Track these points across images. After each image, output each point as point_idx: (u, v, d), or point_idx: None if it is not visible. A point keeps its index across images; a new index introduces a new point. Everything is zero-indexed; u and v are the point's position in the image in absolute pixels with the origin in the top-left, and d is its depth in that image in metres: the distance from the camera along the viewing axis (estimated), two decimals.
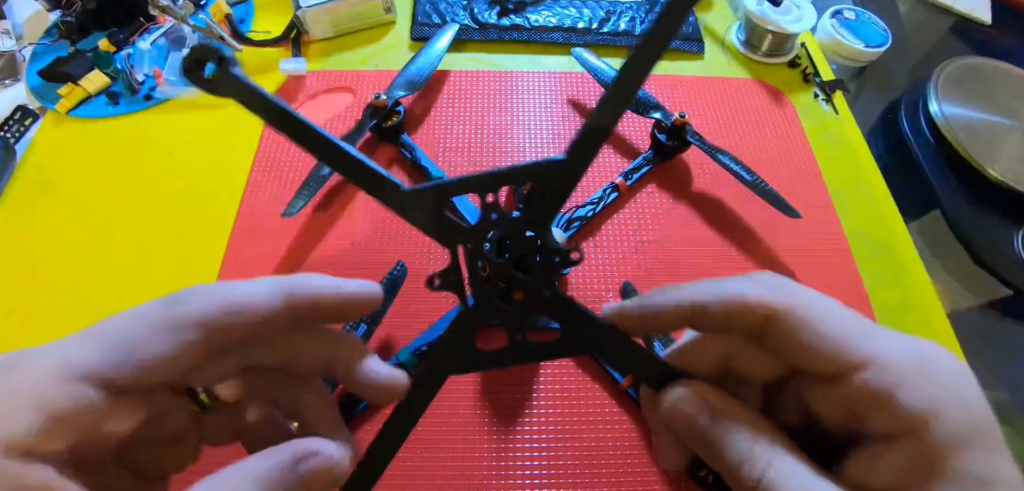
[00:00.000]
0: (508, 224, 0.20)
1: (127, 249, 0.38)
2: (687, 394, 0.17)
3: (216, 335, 0.16)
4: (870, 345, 0.15)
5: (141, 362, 0.15)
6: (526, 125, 0.45)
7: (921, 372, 0.15)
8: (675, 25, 0.19)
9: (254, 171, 0.41)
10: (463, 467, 0.30)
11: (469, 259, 0.20)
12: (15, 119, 0.44)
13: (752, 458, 0.16)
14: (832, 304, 0.17)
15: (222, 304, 0.17)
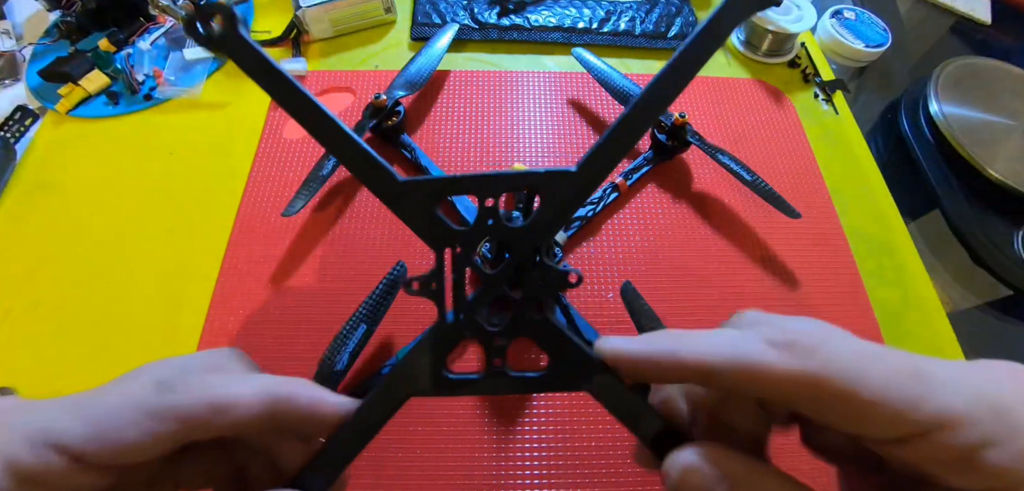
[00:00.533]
0: (506, 233, 0.18)
1: (127, 249, 0.38)
2: (699, 462, 0.15)
3: (194, 429, 0.17)
4: (937, 400, 0.13)
5: (114, 444, 0.16)
6: (526, 125, 0.45)
7: (1006, 424, 0.13)
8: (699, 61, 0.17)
9: (254, 171, 0.41)
10: (463, 467, 0.30)
11: (456, 266, 0.18)
12: (15, 119, 0.44)
13: None
14: (870, 355, 0.14)
15: (208, 403, 0.17)
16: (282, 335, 0.34)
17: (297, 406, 0.18)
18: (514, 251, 0.18)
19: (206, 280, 0.36)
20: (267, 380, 0.18)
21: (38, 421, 0.16)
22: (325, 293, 0.36)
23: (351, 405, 0.18)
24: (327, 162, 0.38)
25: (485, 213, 0.18)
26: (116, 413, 0.16)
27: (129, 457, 0.16)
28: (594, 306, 0.36)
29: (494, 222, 0.18)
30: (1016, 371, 0.14)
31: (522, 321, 0.18)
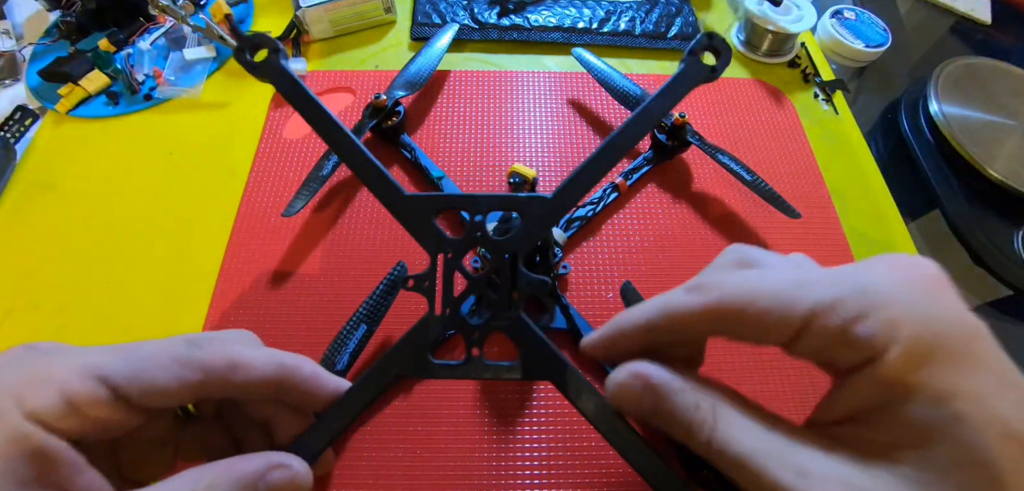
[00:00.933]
0: (490, 244, 0.21)
1: (127, 249, 0.38)
2: (626, 378, 0.17)
3: (213, 382, 0.19)
4: (811, 296, 0.15)
5: (148, 384, 0.18)
6: (526, 125, 0.45)
7: (871, 299, 0.15)
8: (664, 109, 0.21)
9: (254, 171, 0.41)
10: (463, 467, 0.30)
11: (446, 270, 0.22)
12: (15, 119, 0.44)
13: (698, 423, 0.16)
14: (763, 279, 0.17)
15: (228, 360, 0.19)
16: (282, 335, 0.34)
17: (301, 376, 0.21)
18: (495, 259, 0.21)
19: (206, 280, 0.36)
20: (277, 352, 0.21)
21: (90, 357, 0.18)
22: (325, 293, 0.36)
23: (345, 384, 0.21)
24: (327, 162, 0.38)
25: (473, 226, 0.22)
26: (153, 359, 0.18)
27: (158, 399, 0.18)
28: (594, 306, 0.36)
29: (481, 235, 0.21)
30: (895, 259, 0.16)
31: (498, 318, 0.21)
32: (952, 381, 0.13)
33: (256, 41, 0.21)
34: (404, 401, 0.32)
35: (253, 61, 0.22)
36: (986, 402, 0.13)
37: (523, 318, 0.21)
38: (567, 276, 0.37)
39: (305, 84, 0.22)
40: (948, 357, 0.14)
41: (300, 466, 0.19)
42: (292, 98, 0.22)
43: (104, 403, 0.17)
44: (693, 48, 0.21)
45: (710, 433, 0.16)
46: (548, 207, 0.21)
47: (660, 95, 0.21)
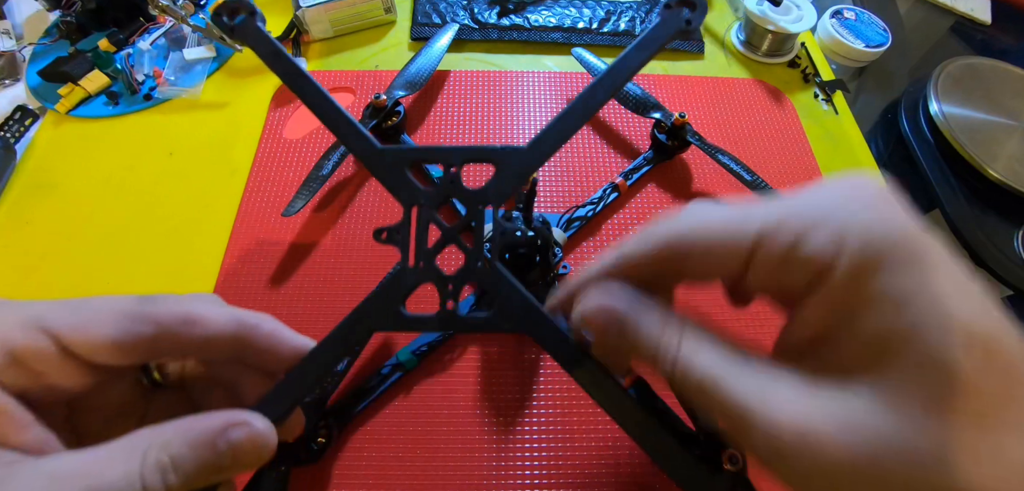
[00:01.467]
0: (463, 193, 0.21)
1: (127, 249, 0.38)
2: (591, 305, 0.17)
3: (166, 338, 0.18)
4: (756, 221, 0.15)
5: (94, 336, 0.17)
6: (526, 125, 0.45)
7: (817, 215, 0.14)
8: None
9: (254, 171, 0.41)
10: (463, 467, 0.30)
11: (420, 220, 0.21)
12: (15, 119, 0.44)
13: (664, 345, 0.16)
14: (713, 208, 0.16)
15: (183, 314, 0.18)
16: None
17: (260, 334, 0.20)
18: (471, 210, 0.21)
19: (206, 280, 0.36)
20: (237, 309, 0.20)
21: (32, 309, 0.17)
22: (325, 293, 0.36)
23: (310, 342, 0.21)
24: (327, 162, 0.38)
25: (448, 177, 0.21)
26: (99, 312, 0.18)
27: (108, 354, 0.17)
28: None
29: (454, 184, 0.21)
30: (840, 179, 0.15)
31: (472, 268, 0.21)
32: (905, 287, 0.13)
33: (234, 5, 0.22)
34: (404, 401, 0.32)
35: (231, 24, 0.22)
36: (943, 305, 0.12)
37: (498, 266, 0.21)
38: (567, 276, 0.37)
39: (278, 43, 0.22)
40: (899, 265, 0.13)
41: (262, 424, 0.18)
42: (269, 61, 0.22)
43: (49, 355, 0.17)
44: (669, 2, 0.21)
45: (675, 355, 0.15)
46: (523, 158, 0.21)
47: (636, 47, 0.21)
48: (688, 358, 0.15)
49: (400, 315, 0.21)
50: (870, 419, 0.12)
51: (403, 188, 0.21)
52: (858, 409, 0.13)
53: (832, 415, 0.13)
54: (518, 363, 0.34)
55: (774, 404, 0.14)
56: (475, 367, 0.33)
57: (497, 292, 0.20)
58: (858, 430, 0.12)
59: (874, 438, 0.12)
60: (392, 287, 0.21)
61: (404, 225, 0.21)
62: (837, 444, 0.12)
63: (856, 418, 0.13)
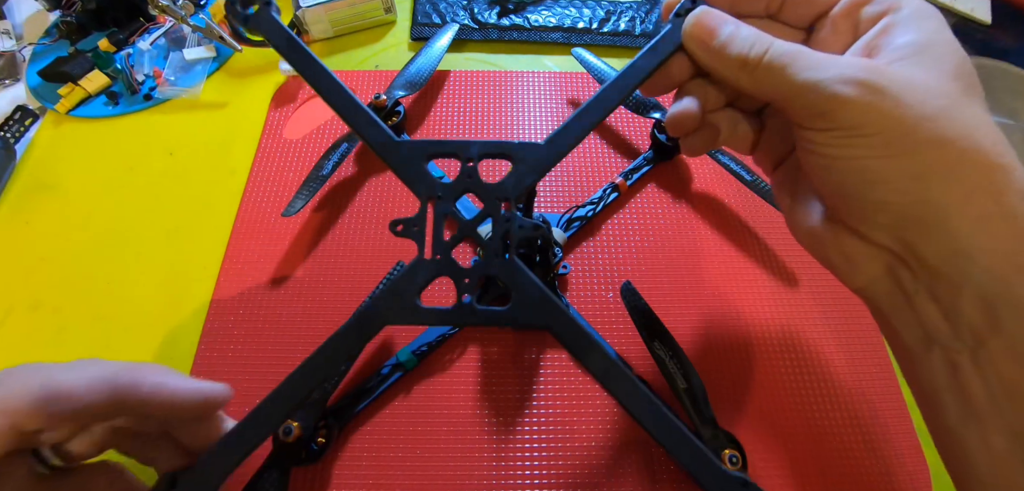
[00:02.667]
0: (480, 188, 0.21)
1: (127, 249, 0.38)
2: (706, 10, 0.21)
3: (29, 423, 0.17)
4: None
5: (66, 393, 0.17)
6: (526, 125, 0.45)
7: None
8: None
9: (254, 171, 0.41)
10: (463, 467, 0.30)
11: (437, 214, 0.21)
12: (15, 119, 0.44)
13: (760, 38, 0.20)
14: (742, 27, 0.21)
15: (39, 394, 0.17)
16: (282, 335, 0.34)
17: (141, 392, 0.19)
18: (488, 205, 0.21)
19: (206, 280, 0.36)
20: (105, 367, 0.19)
21: None
22: (325, 293, 0.36)
23: (202, 387, 0.20)
24: (327, 162, 0.38)
25: (465, 171, 0.21)
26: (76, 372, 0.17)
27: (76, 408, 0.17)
28: (594, 306, 0.36)
29: (472, 178, 0.21)
30: None
31: (491, 260, 0.21)
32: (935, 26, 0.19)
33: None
34: (404, 401, 0.32)
35: (245, 13, 0.22)
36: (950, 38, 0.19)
37: (516, 261, 0.20)
38: (567, 276, 0.37)
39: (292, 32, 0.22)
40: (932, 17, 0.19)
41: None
42: (284, 50, 0.22)
43: None
44: (678, 10, 0.22)
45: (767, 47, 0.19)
46: (540, 153, 0.21)
47: (646, 52, 0.22)
48: (778, 51, 0.19)
49: (416, 308, 0.20)
50: (915, 70, 0.18)
51: (420, 181, 0.21)
52: (905, 66, 0.18)
53: (891, 65, 0.18)
54: (518, 363, 0.34)
55: (852, 58, 0.19)
56: (475, 367, 0.33)
57: (515, 286, 0.20)
58: (908, 71, 0.18)
59: (919, 77, 0.18)
60: (407, 279, 0.20)
61: (420, 217, 0.21)
62: (899, 74, 0.18)
63: (905, 68, 0.18)
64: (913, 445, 0.32)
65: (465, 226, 0.21)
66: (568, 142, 0.21)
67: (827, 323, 0.35)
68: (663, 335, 0.30)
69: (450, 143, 0.22)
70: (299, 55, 0.22)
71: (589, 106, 0.22)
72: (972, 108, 0.18)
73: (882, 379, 0.34)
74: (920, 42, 0.18)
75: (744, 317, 0.36)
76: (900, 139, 0.17)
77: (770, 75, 0.19)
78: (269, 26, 0.22)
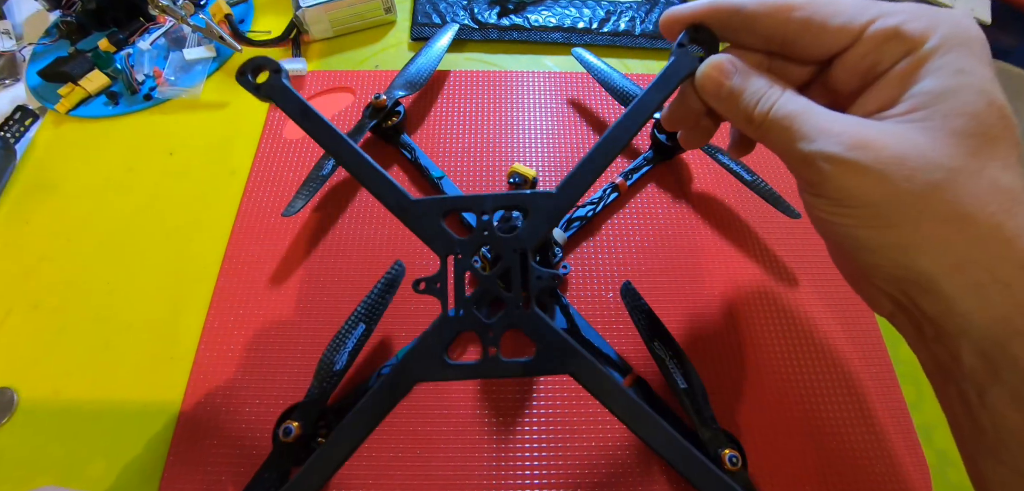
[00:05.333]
0: (497, 242, 0.21)
1: (127, 249, 0.38)
2: (716, 61, 0.21)
3: None
4: (874, 8, 0.19)
5: None
6: (526, 125, 0.45)
7: (926, 13, 0.19)
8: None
9: (254, 171, 0.41)
10: (462, 467, 0.30)
11: (457, 270, 0.22)
12: (15, 119, 0.44)
13: (768, 93, 0.20)
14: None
15: None
16: (282, 335, 0.34)
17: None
18: (505, 255, 0.21)
19: (206, 280, 0.36)
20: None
21: None
22: (325, 293, 0.36)
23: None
24: (327, 162, 0.38)
25: (481, 226, 0.22)
26: None
27: None
28: (594, 306, 0.36)
29: (488, 233, 0.22)
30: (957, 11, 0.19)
31: (513, 315, 0.21)
32: (965, 64, 0.18)
33: (257, 64, 0.23)
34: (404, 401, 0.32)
35: (255, 83, 0.23)
36: (982, 79, 0.18)
37: (537, 312, 0.21)
38: (567, 276, 0.37)
39: (305, 99, 0.22)
40: (970, 51, 0.18)
41: None
42: (296, 116, 0.22)
43: None
44: (681, 41, 0.23)
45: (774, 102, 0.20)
46: (553, 202, 0.21)
47: (653, 88, 0.22)
48: (784, 106, 0.20)
49: (446, 364, 0.21)
50: (915, 136, 0.17)
51: (438, 238, 0.22)
52: (906, 131, 0.18)
53: (888, 132, 0.18)
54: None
55: (847, 123, 0.19)
56: None
57: (538, 337, 0.21)
58: (905, 139, 0.17)
59: (914, 148, 0.17)
60: (434, 337, 0.21)
61: (442, 275, 0.22)
62: (888, 147, 0.17)
63: (905, 134, 0.17)
64: (913, 445, 0.32)
65: (485, 280, 0.22)
66: (580, 187, 0.22)
67: (827, 323, 0.35)
68: (663, 335, 0.30)
69: (464, 199, 0.23)
70: (313, 123, 0.22)
71: (599, 148, 0.22)
72: (977, 174, 0.17)
73: (882, 379, 0.34)
74: (939, 91, 0.18)
75: (744, 317, 0.36)
76: (884, 213, 0.17)
77: (772, 134, 0.20)
78: (281, 95, 0.23)
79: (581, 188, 0.22)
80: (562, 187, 0.21)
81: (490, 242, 0.22)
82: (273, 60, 0.23)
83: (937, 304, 0.18)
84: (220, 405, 0.32)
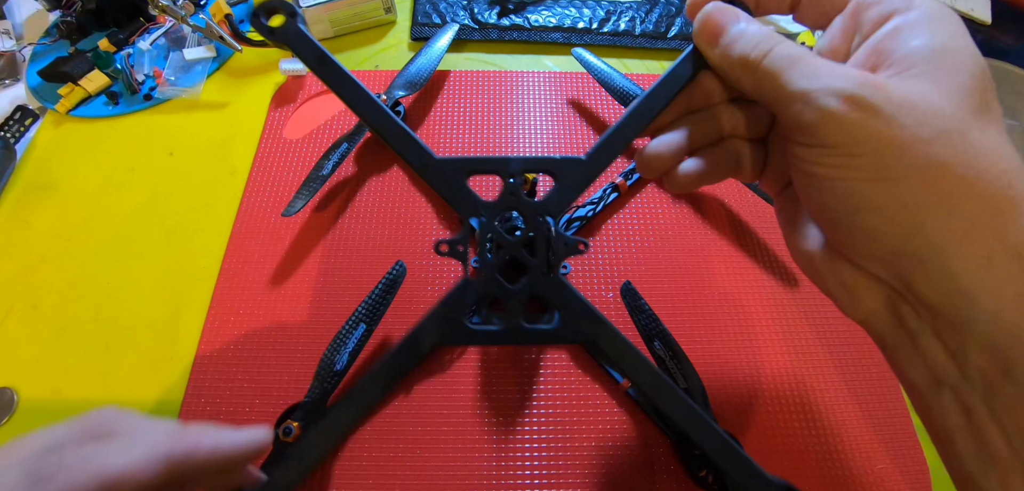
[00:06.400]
0: (524, 206, 0.21)
1: (127, 249, 0.38)
2: (715, 8, 0.20)
3: None
4: None
5: None
6: (526, 125, 0.45)
7: None
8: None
9: (254, 171, 0.41)
10: (462, 467, 0.30)
11: (480, 234, 0.21)
12: (15, 119, 0.44)
13: (764, 41, 0.18)
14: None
15: (96, 484, 0.16)
16: (282, 335, 0.34)
17: (199, 458, 0.18)
18: (529, 223, 0.21)
19: (206, 280, 0.36)
20: (159, 438, 0.18)
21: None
22: (325, 293, 0.36)
23: (257, 434, 0.20)
24: (327, 162, 0.38)
25: (508, 189, 0.21)
26: None
27: None
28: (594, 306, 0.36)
29: (515, 196, 0.21)
30: None
31: (535, 281, 0.20)
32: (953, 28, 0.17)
33: (271, 6, 0.21)
34: (404, 401, 0.32)
35: (269, 26, 0.21)
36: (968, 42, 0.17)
37: (562, 280, 0.21)
38: (567, 276, 0.37)
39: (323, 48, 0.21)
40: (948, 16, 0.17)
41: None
42: (312, 63, 0.21)
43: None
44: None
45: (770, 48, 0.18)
46: (582, 169, 0.21)
47: (680, 63, 0.22)
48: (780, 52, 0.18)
49: (466, 329, 0.20)
50: (922, 85, 0.16)
51: (463, 200, 0.21)
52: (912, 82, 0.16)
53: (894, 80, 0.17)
54: (518, 363, 0.34)
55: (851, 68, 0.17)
56: (475, 367, 0.33)
57: (562, 304, 0.20)
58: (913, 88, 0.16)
59: (923, 97, 0.16)
60: (456, 300, 0.20)
61: (464, 237, 0.21)
62: (898, 89, 0.16)
63: (912, 84, 0.16)
64: (913, 445, 0.32)
65: (509, 245, 0.21)
66: (610, 155, 0.21)
67: (827, 323, 0.35)
68: (663, 335, 0.30)
69: (491, 160, 0.22)
70: (331, 71, 0.21)
71: (630, 117, 0.21)
72: (982, 131, 0.16)
73: (882, 379, 0.34)
74: (933, 48, 0.17)
75: (744, 317, 0.36)
76: (892, 163, 0.16)
77: (768, 79, 0.18)
78: (296, 39, 0.21)
79: (611, 156, 0.21)
80: (592, 154, 0.21)
81: (516, 206, 0.21)
82: (289, 3, 0.21)
83: (940, 284, 0.16)
84: (220, 405, 0.32)
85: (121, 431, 0.18)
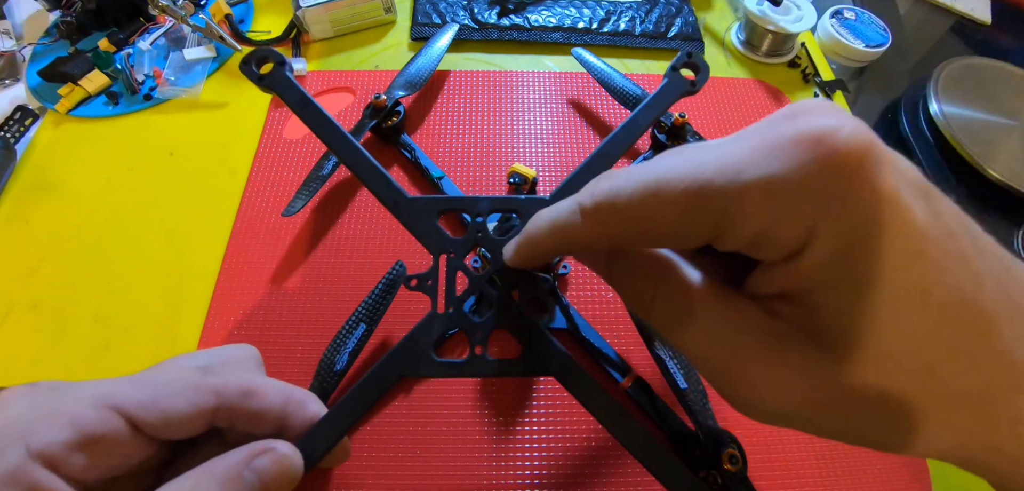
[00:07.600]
0: (490, 244, 0.22)
1: (127, 249, 0.38)
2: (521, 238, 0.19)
3: (225, 409, 0.19)
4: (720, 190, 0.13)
5: (164, 412, 0.18)
6: (526, 125, 0.45)
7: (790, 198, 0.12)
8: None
9: (254, 171, 0.41)
10: (463, 467, 0.30)
11: (449, 269, 0.22)
12: (15, 119, 0.44)
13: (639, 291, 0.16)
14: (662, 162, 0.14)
15: (242, 387, 0.19)
16: (282, 335, 0.34)
17: (305, 414, 0.21)
18: (496, 258, 0.22)
19: (206, 280, 0.36)
20: (285, 385, 0.21)
21: (102, 388, 0.18)
22: (325, 293, 0.36)
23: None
24: (327, 162, 0.38)
25: (474, 227, 0.22)
26: (168, 386, 0.18)
27: (174, 429, 0.18)
28: (594, 306, 0.36)
29: (482, 235, 0.22)
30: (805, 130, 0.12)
31: (501, 315, 0.21)
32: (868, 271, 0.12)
33: (261, 55, 0.23)
34: (404, 401, 0.32)
35: (259, 74, 0.23)
36: (901, 275, 0.12)
37: (524, 314, 0.21)
38: (567, 276, 0.37)
39: (307, 93, 0.23)
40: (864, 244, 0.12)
41: (286, 448, 0.18)
42: (296, 107, 0.23)
43: (119, 435, 0.17)
44: (675, 65, 0.23)
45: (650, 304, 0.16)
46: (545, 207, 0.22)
47: (646, 107, 0.23)
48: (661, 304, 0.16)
49: (433, 361, 0.21)
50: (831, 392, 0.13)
51: (432, 237, 0.22)
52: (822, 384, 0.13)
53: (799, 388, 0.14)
54: None
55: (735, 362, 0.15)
56: None
57: (524, 339, 0.21)
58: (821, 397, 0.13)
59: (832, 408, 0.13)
60: (423, 333, 0.21)
61: (434, 273, 0.22)
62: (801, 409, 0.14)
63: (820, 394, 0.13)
64: None
65: (476, 281, 0.22)
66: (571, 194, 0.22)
67: None
68: None
69: (459, 200, 0.23)
70: (311, 114, 0.23)
71: (590, 161, 0.22)
72: None
73: None
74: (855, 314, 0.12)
75: None
76: None
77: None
78: (283, 85, 0.23)
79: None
80: (555, 195, 0.22)
81: (483, 244, 0.22)
82: (279, 53, 0.23)
83: None
84: None
85: (254, 361, 0.22)
